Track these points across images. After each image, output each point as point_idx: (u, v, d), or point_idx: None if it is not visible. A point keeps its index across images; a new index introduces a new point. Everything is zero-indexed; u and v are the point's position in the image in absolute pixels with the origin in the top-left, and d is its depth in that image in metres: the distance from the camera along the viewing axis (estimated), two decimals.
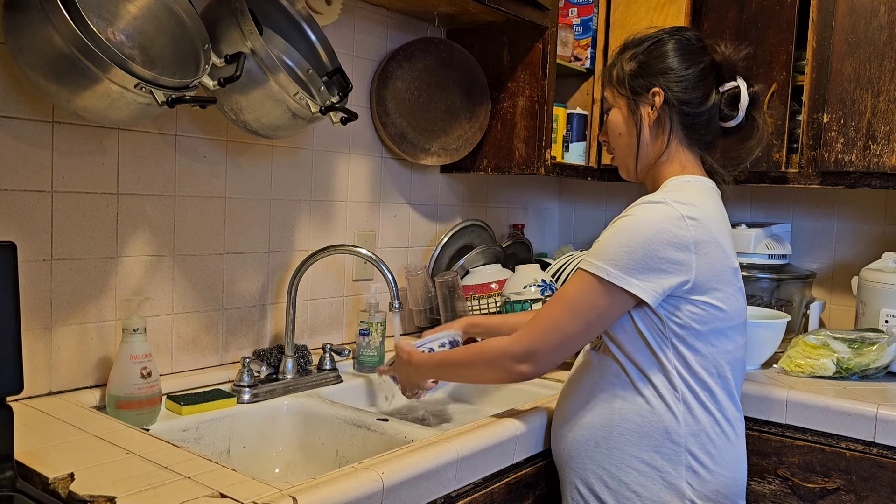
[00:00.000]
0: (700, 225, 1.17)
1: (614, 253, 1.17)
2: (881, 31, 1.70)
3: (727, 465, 1.22)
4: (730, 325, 1.22)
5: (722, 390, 1.22)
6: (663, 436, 1.19)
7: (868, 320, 1.77)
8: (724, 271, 1.20)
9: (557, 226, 2.67)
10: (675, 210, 1.16)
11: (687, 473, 1.19)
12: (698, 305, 1.18)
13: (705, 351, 1.20)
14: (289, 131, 1.46)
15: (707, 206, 1.21)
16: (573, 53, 2.09)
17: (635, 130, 1.31)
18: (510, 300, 1.86)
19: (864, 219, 2.08)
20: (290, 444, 1.44)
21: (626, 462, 1.21)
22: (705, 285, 1.18)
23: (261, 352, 1.55)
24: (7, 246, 0.94)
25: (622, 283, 1.15)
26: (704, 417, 1.20)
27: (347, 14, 1.75)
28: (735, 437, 1.24)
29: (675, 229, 1.15)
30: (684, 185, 1.25)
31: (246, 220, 1.59)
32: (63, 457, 1.01)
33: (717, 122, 1.30)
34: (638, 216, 1.18)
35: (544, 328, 1.21)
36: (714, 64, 1.29)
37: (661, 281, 1.15)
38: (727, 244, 1.22)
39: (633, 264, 1.15)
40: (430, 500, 1.09)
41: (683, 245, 1.15)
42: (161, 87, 1.14)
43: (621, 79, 1.31)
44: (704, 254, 1.17)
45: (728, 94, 1.29)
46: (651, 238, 1.15)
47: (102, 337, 1.36)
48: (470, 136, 1.97)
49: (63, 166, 1.28)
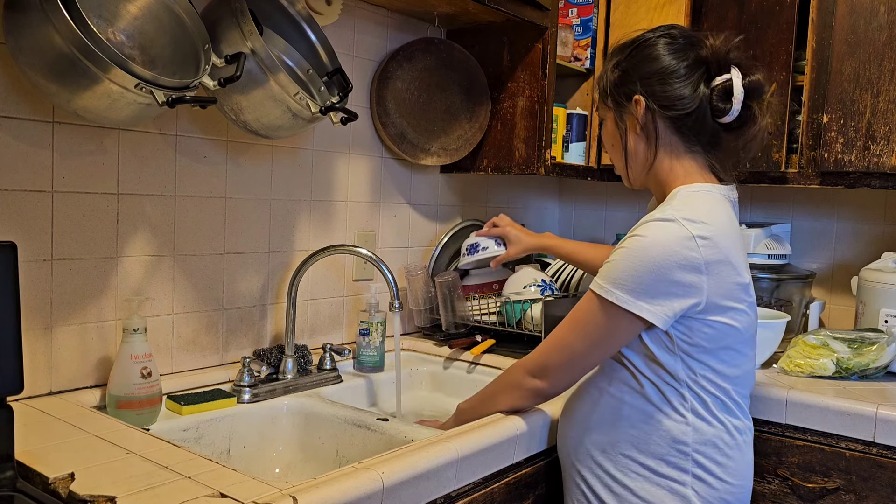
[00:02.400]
0: (711, 244, 1.13)
1: (623, 276, 1.13)
2: (881, 31, 1.70)
3: (734, 474, 1.21)
4: (741, 339, 1.20)
5: (730, 401, 1.21)
6: (670, 444, 1.18)
7: (868, 320, 1.77)
8: (736, 289, 1.17)
9: (557, 226, 2.67)
10: (686, 230, 1.11)
11: (693, 482, 1.18)
12: (710, 325, 1.16)
13: (716, 366, 1.18)
14: (289, 131, 1.46)
15: (719, 221, 1.16)
16: (573, 53, 2.09)
17: (621, 141, 1.28)
18: (510, 300, 1.86)
19: (863, 219, 2.08)
20: (290, 444, 1.44)
21: (632, 468, 1.20)
22: (718, 305, 1.15)
23: (261, 352, 1.55)
24: (7, 246, 0.94)
25: (631, 307, 1.12)
26: (713, 427, 1.19)
27: (347, 14, 1.75)
28: (744, 446, 1.23)
29: (685, 251, 1.11)
30: (694, 198, 1.19)
31: (246, 220, 1.59)
32: (63, 457, 1.01)
33: (711, 120, 1.22)
34: (648, 237, 1.13)
35: (555, 346, 1.22)
36: (700, 59, 1.21)
37: (671, 304, 1.12)
38: (739, 260, 1.18)
39: (642, 288, 1.12)
40: (430, 500, 1.09)
41: (694, 267, 1.11)
42: (161, 87, 1.14)
43: (605, 90, 1.29)
44: (716, 274, 1.13)
45: (719, 89, 1.20)
46: (661, 261, 1.11)
47: (103, 337, 1.36)
48: (470, 137, 1.97)
49: (63, 166, 1.28)
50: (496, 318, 1.93)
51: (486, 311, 1.93)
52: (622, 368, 1.22)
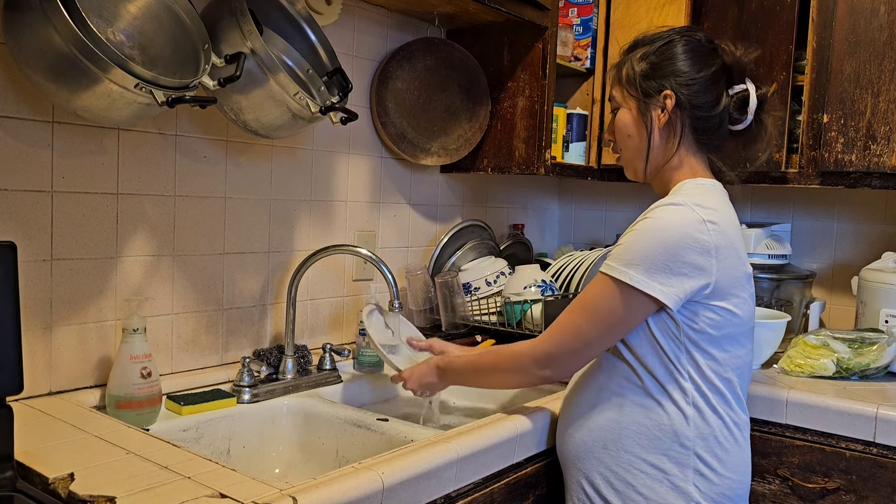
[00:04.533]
0: (720, 230, 1.17)
1: (636, 256, 1.15)
2: (881, 31, 1.70)
3: (734, 469, 1.22)
4: (742, 330, 1.22)
5: (731, 395, 1.22)
6: (672, 439, 1.19)
7: (868, 320, 1.77)
8: (740, 276, 1.20)
9: (557, 226, 2.67)
10: (697, 214, 1.16)
11: (695, 476, 1.19)
12: (715, 311, 1.18)
13: (718, 356, 1.20)
14: (289, 131, 1.46)
15: (725, 211, 1.21)
16: (573, 53, 2.09)
17: (646, 133, 1.28)
18: (510, 300, 1.86)
19: (864, 219, 2.08)
20: (290, 444, 1.44)
21: (634, 464, 1.21)
22: (724, 290, 1.17)
23: (261, 352, 1.55)
24: (7, 246, 0.94)
25: (644, 286, 1.14)
26: (714, 421, 1.20)
27: (347, 14, 1.75)
28: (743, 441, 1.24)
29: (696, 233, 1.14)
30: (700, 189, 1.23)
31: (246, 220, 1.59)
32: (63, 457, 1.01)
33: (727, 125, 1.29)
34: (659, 219, 1.16)
35: (565, 333, 1.21)
36: (724, 66, 1.27)
37: (682, 284, 1.14)
38: (742, 250, 1.22)
39: (655, 268, 1.14)
40: (430, 500, 1.09)
41: (705, 249, 1.14)
42: (161, 87, 1.14)
43: (632, 79, 1.29)
44: (724, 258, 1.17)
45: (738, 97, 1.27)
46: (674, 241, 1.14)
47: (102, 337, 1.35)
48: (470, 136, 1.97)
49: (63, 166, 1.28)
50: (496, 318, 1.93)
51: (486, 311, 1.93)
52: (623, 364, 1.23)
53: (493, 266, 2.00)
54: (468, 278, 1.98)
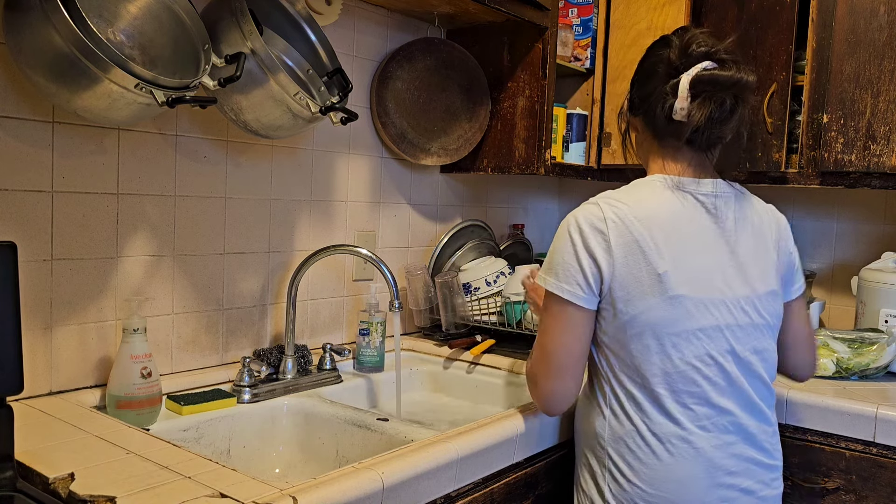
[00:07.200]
0: (622, 227, 1.15)
1: (548, 262, 1.22)
2: (881, 31, 1.70)
3: (651, 483, 1.15)
4: (658, 333, 1.14)
5: (651, 404, 1.16)
6: (593, 436, 1.24)
7: (868, 320, 1.77)
8: (645, 277, 1.13)
9: (557, 226, 2.66)
10: (600, 211, 1.17)
11: (608, 477, 1.21)
12: (617, 312, 1.16)
13: (627, 359, 1.18)
14: (289, 131, 1.46)
15: (646, 207, 1.16)
16: (573, 53, 2.09)
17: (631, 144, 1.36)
18: (510, 300, 1.86)
19: (864, 219, 2.08)
20: (290, 444, 1.44)
21: (579, 453, 1.30)
22: (624, 289, 1.14)
23: (261, 352, 1.55)
24: (7, 246, 0.94)
25: (554, 288, 1.18)
26: (625, 427, 1.19)
27: (347, 14, 1.75)
28: (667, 457, 1.15)
29: (591, 232, 1.16)
30: (634, 185, 1.24)
31: (246, 220, 1.59)
32: (63, 457, 1.01)
33: (669, 117, 1.19)
34: (566, 218, 1.22)
35: (535, 353, 1.25)
36: (664, 59, 1.21)
37: (579, 282, 1.16)
38: (658, 247, 1.14)
39: (556, 267, 1.19)
40: (430, 500, 1.09)
41: (602, 246, 1.15)
42: (161, 87, 1.14)
43: None
44: (622, 257, 1.14)
45: (671, 86, 1.19)
46: (567, 240, 1.18)
47: (102, 337, 1.36)
48: (470, 136, 1.97)
49: (63, 166, 1.28)
50: (496, 318, 1.93)
51: (486, 311, 1.93)
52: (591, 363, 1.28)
53: (493, 266, 2.00)
54: (468, 278, 1.97)
